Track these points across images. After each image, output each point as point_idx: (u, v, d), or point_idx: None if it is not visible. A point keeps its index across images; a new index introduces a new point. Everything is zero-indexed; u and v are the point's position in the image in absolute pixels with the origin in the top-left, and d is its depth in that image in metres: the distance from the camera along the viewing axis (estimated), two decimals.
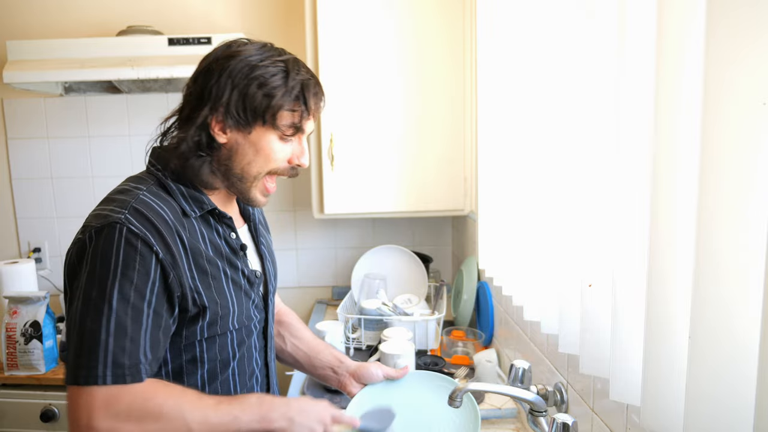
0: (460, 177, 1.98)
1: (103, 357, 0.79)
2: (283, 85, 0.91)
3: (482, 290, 1.81)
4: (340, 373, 1.18)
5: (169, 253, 0.86)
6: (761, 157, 0.51)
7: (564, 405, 1.07)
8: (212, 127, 0.92)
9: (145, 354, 0.83)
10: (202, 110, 0.91)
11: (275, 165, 0.96)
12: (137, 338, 0.82)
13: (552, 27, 1.03)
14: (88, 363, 0.79)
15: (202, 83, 0.92)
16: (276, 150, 0.95)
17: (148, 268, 0.84)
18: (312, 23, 1.91)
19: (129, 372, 0.81)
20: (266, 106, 0.90)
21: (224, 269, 0.95)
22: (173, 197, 0.93)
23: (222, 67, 0.90)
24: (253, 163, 0.94)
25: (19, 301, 1.81)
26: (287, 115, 0.93)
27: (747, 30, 0.50)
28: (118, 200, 0.87)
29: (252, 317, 1.01)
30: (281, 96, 0.91)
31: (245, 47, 0.93)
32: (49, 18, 2.24)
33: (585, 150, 0.87)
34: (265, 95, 0.90)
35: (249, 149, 0.93)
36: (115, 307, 0.81)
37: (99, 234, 0.83)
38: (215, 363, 0.96)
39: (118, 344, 0.80)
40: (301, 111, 0.94)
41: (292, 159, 0.98)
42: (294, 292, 2.44)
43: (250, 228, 1.10)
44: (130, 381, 0.81)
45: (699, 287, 0.58)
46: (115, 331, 0.80)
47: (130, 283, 0.82)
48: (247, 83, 0.90)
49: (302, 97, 0.93)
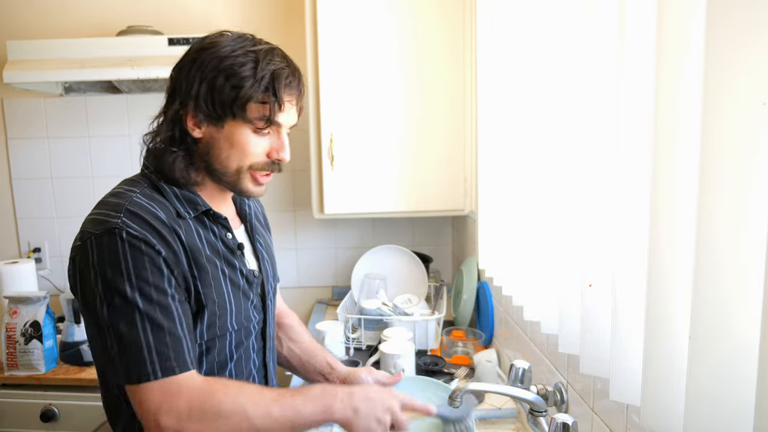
0: (460, 177, 1.98)
1: (148, 355, 0.81)
2: (251, 76, 0.88)
3: (482, 290, 1.81)
4: (330, 379, 1.16)
5: (171, 251, 0.86)
6: (761, 158, 0.51)
7: (564, 405, 1.07)
8: (186, 122, 0.91)
9: (187, 344, 0.84)
10: (173, 105, 0.91)
11: (253, 159, 0.94)
12: (174, 330, 0.84)
13: (552, 27, 1.03)
14: (136, 364, 0.80)
15: (174, 78, 0.92)
16: (251, 143, 0.92)
17: (159, 266, 0.84)
18: (312, 23, 1.91)
19: (176, 363, 0.82)
20: (233, 98, 0.88)
21: (222, 268, 0.95)
22: (167, 199, 0.92)
23: (193, 60, 0.89)
24: (231, 157, 0.93)
25: (19, 301, 1.81)
26: (257, 107, 0.90)
27: (747, 30, 0.50)
28: (111, 204, 0.87)
29: (251, 318, 1.01)
30: (249, 87, 0.88)
31: (220, 39, 0.91)
32: (50, 18, 2.24)
33: (585, 150, 0.87)
34: (233, 87, 0.87)
35: (224, 143, 0.92)
36: (143, 309, 0.82)
37: (100, 241, 0.83)
38: (212, 365, 0.96)
39: (158, 339, 0.81)
40: (272, 102, 0.90)
41: (271, 153, 0.95)
42: (294, 292, 2.44)
43: (247, 228, 1.09)
44: (179, 371, 0.82)
45: (699, 287, 0.58)
46: (151, 329, 0.81)
47: (148, 284, 0.83)
48: (214, 75, 0.88)
49: (272, 88, 0.90)
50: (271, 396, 0.85)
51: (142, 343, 0.81)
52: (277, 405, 0.84)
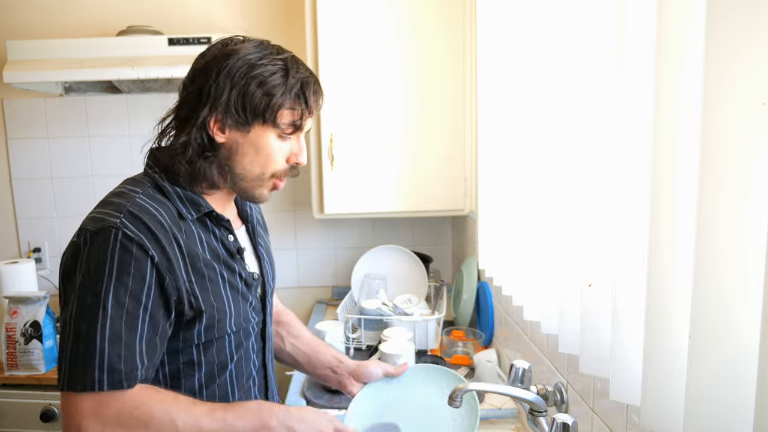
0: (460, 177, 1.98)
1: (99, 363, 0.79)
2: (282, 84, 0.90)
3: (482, 290, 1.81)
4: (339, 373, 1.17)
5: (165, 257, 0.85)
6: (761, 157, 0.51)
7: (564, 405, 1.07)
8: (210, 127, 0.91)
9: (142, 360, 0.83)
10: (201, 110, 0.90)
11: (275, 166, 0.95)
12: (133, 344, 0.82)
13: (552, 27, 1.03)
14: (84, 369, 0.79)
15: (199, 83, 0.91)
16: (275, 148, 0.94)
17: (144, 273, 0.83)
18: (312, 23, 1.91)
19: (126, 378, 0.80)
20: (266, 104, 0.89)
21: (221, 272, 0.94)
22: (170, 200, 0.92)
23: (220, 65, 0.89)
24: (254, 162, 0.94)
25: (19, 301, 1.81)
26: (287, 113, 0.92)
27: (747, 30, 0.51)
28: (114, 203, 0.87)
29: (250, 319, 1.01)
30: (281, 94, 0.90)
31: (243, 45, 0.91)
32: (50, 18, 2.24)
33: (585, 150, 0.87)
34: (265, 94, 0.89)
35: (249, 148, 0.93)
36: (110, 313, 0.80)
37: (94, 238, 0.83)
38: (212, 366, 0.95)
39: (114, 350, 0.80)
40: (302, 109, 0.93)
41: (290, 158, 0.97)
42: (294, 292, 2.44)
43: (248, 229, 1.09)
44: (126, 387, 0.80)
45: (699, 287, 0.58)
46: (110, 337, 0.80)
47: (125, 288, 0.82)
48: (246, 82, 0.89)
49: (302, 95, 0.92)
50: (204, 409, 0.84)
51: (97, 349, 0.79)
52: (208, 417, 0.83)
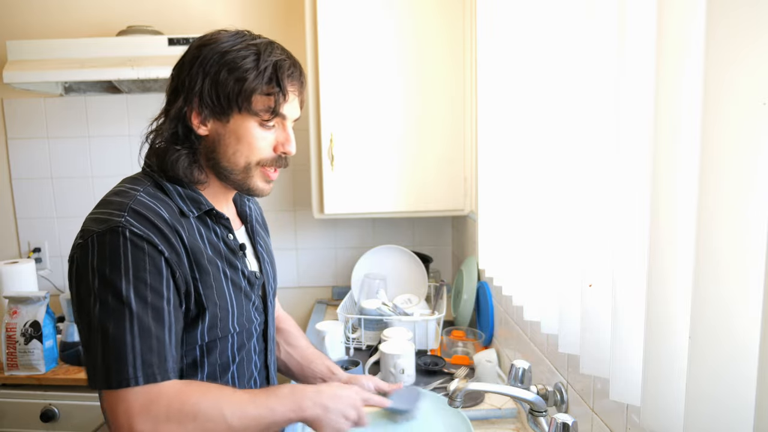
0: (460, 177, 1.98)
1: (132, 359, 0.80)
2: (254, 68, 0.88)
3: (482, 290, 1.81)
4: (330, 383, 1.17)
5: (174, 252, 0.86)
6: (761, 158, 0.51)
7: (564, 405, 1.07)
8: (191, 120, 0.91)
9: (172, 352, 0.84)
10: (177, 102, 0.90)
11: (260, 154, 0.94)
12: (162, 336, 0.83)
13: (552, 27, 1.03)
14: (118, 366, 0.79)
15: (176, 76, 0.92)
16: (258, 137, 0.92)
17: (159, 267, 0.84)
18: (312, 23, 1.91)
19: (159, 371, 0.81)
20: (238, 90, 0.88)
21: (224, 270, 0.94)
22: (170, 198, 0.92)
23: (194, 56, 0.90)
24: (238, 152, 0.92)
25: (19, 301, 1.81)
26: (262, 99, 0.90)
27: (747, 30, 0.50)
28: (115, 203, 0.87)
29: (252, 319, 1.01)
30: (253, 79, 0.88)
31: (218, 35, 0.92)
32: (49, 18, 2.24)
33: (585, 150, 0.87)
34: (237, 80, 0.88)
35: (230, 138, 0.92)
36: (135, 310, 0.81)
37: (102, 239, 0.82)
38: (215, 367, 0.95)
39: (144, 344, 0.81)
40: (276, 93, 0.91)
41: (277, 147, 0.95)
42: (294, 292, 2.44)
43: (248, 230, 1.09)
44: (161, 379, 0.81)
45: (699, 287, 0.58)
46: (139, 332, 0.81)
47: (145, 285, 0.82)
48: (217, 69, 0.88)
49: (275, 78, 0.90)
50: (247, 396, 0.86)
51: (128, 346, 0.80)
52: (252, 404, 0.85)
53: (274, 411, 0.86)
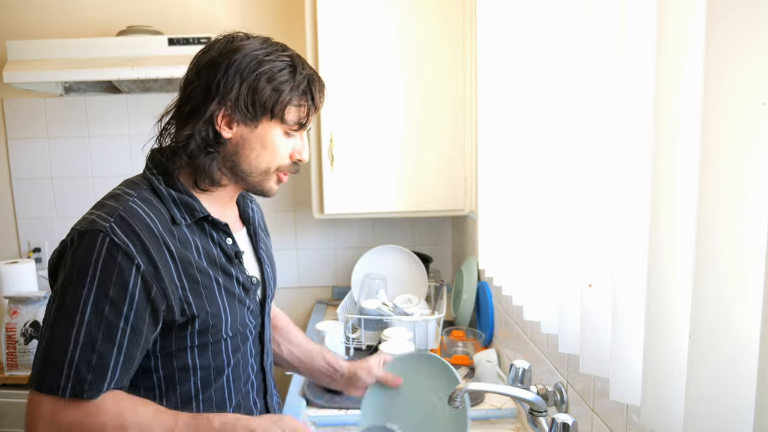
0: (460, 177, 1.98)
1: (67, 369, 0.79)
2: (291, 80, 0.91)
3: (482, 290, 1.81)
4: (336, 379, 1.20)
5: (152, 265, 0.84)
6: (761, 158, 0.51)
7: (564, 405, 1.07)
8: (218, 122, 0.90)
9: (114, 372, 0.82)
10: (209, 105, 0.89)
11: (281, 160, 0.96)
12: (106, 355, 0.81)
13: (552, 27, 1.03)
14: (52, 372, 0.79)
15: (206, 77, 0.89)
16: (280, 144, 0.95)
17: (127, 282, 0.82)
18: (312, 23, 1.91)
19: (89, 388, 0.80)
20: (275, 100, 0.90)
21: (216, 278, 0.93)
22: (164, 203, 0.91)
23: (228, 60, 0.89)
24: (260, 157, 0.94)
25: (19, 301, 1.81)
26: (294, 110, 0.93)
27: (747, 30, 0.50)
28: (107, 206, 0.86)
29: (247, 323, 1.00)
30: (289, 90, 0.91)
31: (248, 41, 0.92)
32: (49, 18, 2.24)
33: (585, 150, 0.87)
34: (274, 90, 0.90)
35: (256, 143, 0.93)
36: (87, 319, 0.80)
37: (81, 239, 0.82)
38: (209, 370, 0.94)
39: (83, 358, 0.79)
40: (308, 106, 0.94)
41: (293, 154, 0.97)
42: (294, 292, 2.44)
43: (249, 231, 1.08)
44: (87, 397, 0.80)
45: (699, 287, 0.58)
46: (83, 344, 0.80)
47: (106, 297, 0.81)
48: (256, 77, 0.89)
49: (309, 92, 0.93)
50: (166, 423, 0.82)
51: (67, 355, 0.79)
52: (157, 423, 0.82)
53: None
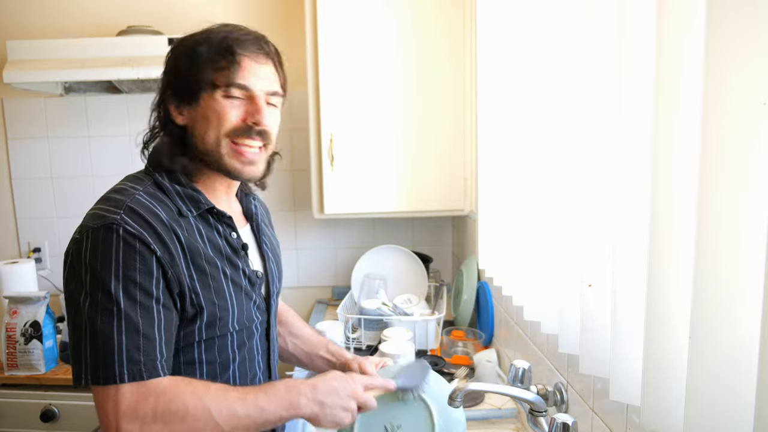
0: (460, 177, 1.98)
1: (118, 356, 0.80)
2: (206, 48, 0.93)
3: (482, 290, 1.81)
4: (338, 368, 1.17)
5: (167, 252, 0.86)
6: (761, 157, 0.51)
7: (564, 405, 1.07)
8: (173, 114, 0.96)
9: (161, 350, 0.84)
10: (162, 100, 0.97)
11: (227, 125, 0.93)
12: (151, 335, 0.83)
13: (552, 27, 1.03)
14: (104, 363, 0.80)
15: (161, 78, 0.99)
16: (222, 110, 0.93)
17: (150, 267, 0.84)
18: (312, 23, 1.91)
19: (146, 368, 0.81)
20: (197, 71, 0.93)
21: (223, 269, 0.94)
22: (169, 197, 0.93)
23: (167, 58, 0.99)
24: (208, 129, 0.93)
25: (19, 301, 1.81)
26: (220, 73, 0.92)
27: (747, 30, 0.50)
28: (114, 199, 0.88)
29: (253, 318, 1.00)
30: (206, 57, 0.93)
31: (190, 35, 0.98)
32: (49, 18, 2.24)
33: (585, 150, 0.87)
34: (193, 62, 0.93)
35: (202, 120, 0.94)
36: (123, 308, 0.81)
37: (96, 235, 0.83)
38: (214, 365, 0.95)
39: (131, 342, 0.81)
40: (230, 61, 0.92)
41: (246, 118, 0.94)
42: (294, 292, 2.44)
43: (253, 228, 1.09)
44: (147, 377, 0.81)
45: (699, 287, 0.58)
46: (126, 330, 0.81)
47: (134, 283, 0.82)
48: (177, 60, 0.96)
49: (226, 49, 0.93)
50: (236, 395, 0.85)
51: (114, 343, 0.80)
52: (241, 404, 0.84)
53: (264, 410, 0.85)
